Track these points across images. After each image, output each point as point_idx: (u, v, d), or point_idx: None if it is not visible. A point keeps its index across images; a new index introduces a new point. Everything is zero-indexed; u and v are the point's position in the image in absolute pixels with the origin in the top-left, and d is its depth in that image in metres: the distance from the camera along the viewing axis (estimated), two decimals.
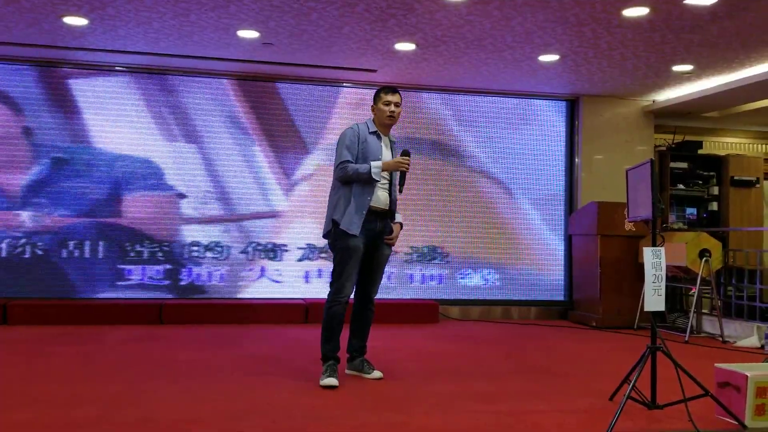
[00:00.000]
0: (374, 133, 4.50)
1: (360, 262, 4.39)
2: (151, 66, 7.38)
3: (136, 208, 7.43)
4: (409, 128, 7.99)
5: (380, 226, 4.44)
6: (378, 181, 4.35)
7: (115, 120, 7.42)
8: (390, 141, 4.60)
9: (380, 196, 4.42)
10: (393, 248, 4.66)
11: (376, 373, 4.47)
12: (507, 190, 8.31)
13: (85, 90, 7.36)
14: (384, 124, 4.50)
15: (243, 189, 7.67)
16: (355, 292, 4.53)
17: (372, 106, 4.56)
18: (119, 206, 7.39)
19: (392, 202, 4.52)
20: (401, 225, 4.61)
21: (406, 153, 4.40)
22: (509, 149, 8.33)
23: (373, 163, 4.32)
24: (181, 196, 7.51)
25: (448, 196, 8.15)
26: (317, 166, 7.79)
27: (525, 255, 8.31)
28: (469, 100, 8.24)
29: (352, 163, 4.35)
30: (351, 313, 4.54)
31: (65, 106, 7.32)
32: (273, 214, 7.73)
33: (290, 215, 7.76)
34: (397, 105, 4.48)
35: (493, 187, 8.27)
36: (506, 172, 8.31)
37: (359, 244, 4.33)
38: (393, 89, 4.52)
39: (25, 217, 7.19)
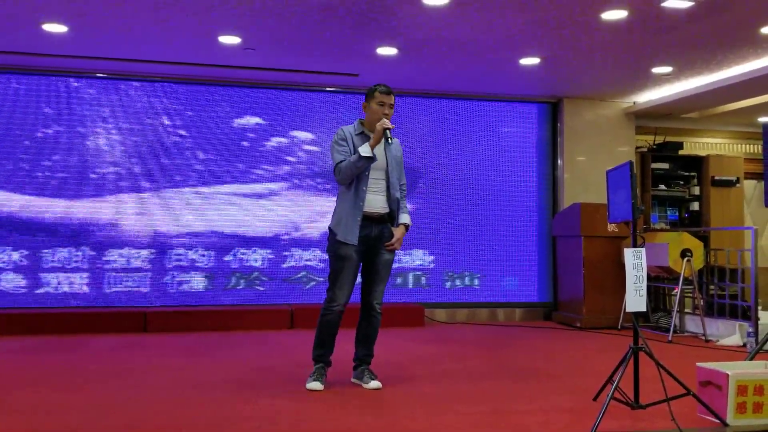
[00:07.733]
0: (361, 134, 4.30)
1: (357, 270, 4.27)
2: (132, 72, 7.35)
3: (118, 212, 7.39)
4: (393, 131, 7.97)
5: (376, 232, 4.26)
6: (373, 159, 4.15)
7: (97, 125, 7.39)
8: (387, 142, 4.26)
9: (372, 201, 4.24)
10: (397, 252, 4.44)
11: (374, 384, 4.27)
12: (490, 192, 8.32)
13: (67, 97, 7.34)
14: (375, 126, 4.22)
15: (224, 193, 7.65)
16: (360, 299, 4.38)
17: (363, 104, 4.34)
18: (102, 209, 7.35)
19: (392, 201, 4.32)
20: (406, 226, 4.38)
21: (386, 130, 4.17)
22: (491, 152, 8.35)
23: (360, 149, 4.12)
24: (161, 200, 7.50)
25: (433, 199, 8.16)
26: (293, 170, 7.81)
27: (510, 257, 8.34)
28: (451, 104, 8.25)
29: (344, 160, 4.18)
30: (357, 322, 4.41)
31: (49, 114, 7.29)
32: (253, 217, 7.71)
33: (270, 218, 7.74)
34: (391, 107, 4.27)
35: (476, 189, 8.29)
36: (489, 174, 8.33)
37: (352, 253, 4.18)
38: (389, 90, 4.29)
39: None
